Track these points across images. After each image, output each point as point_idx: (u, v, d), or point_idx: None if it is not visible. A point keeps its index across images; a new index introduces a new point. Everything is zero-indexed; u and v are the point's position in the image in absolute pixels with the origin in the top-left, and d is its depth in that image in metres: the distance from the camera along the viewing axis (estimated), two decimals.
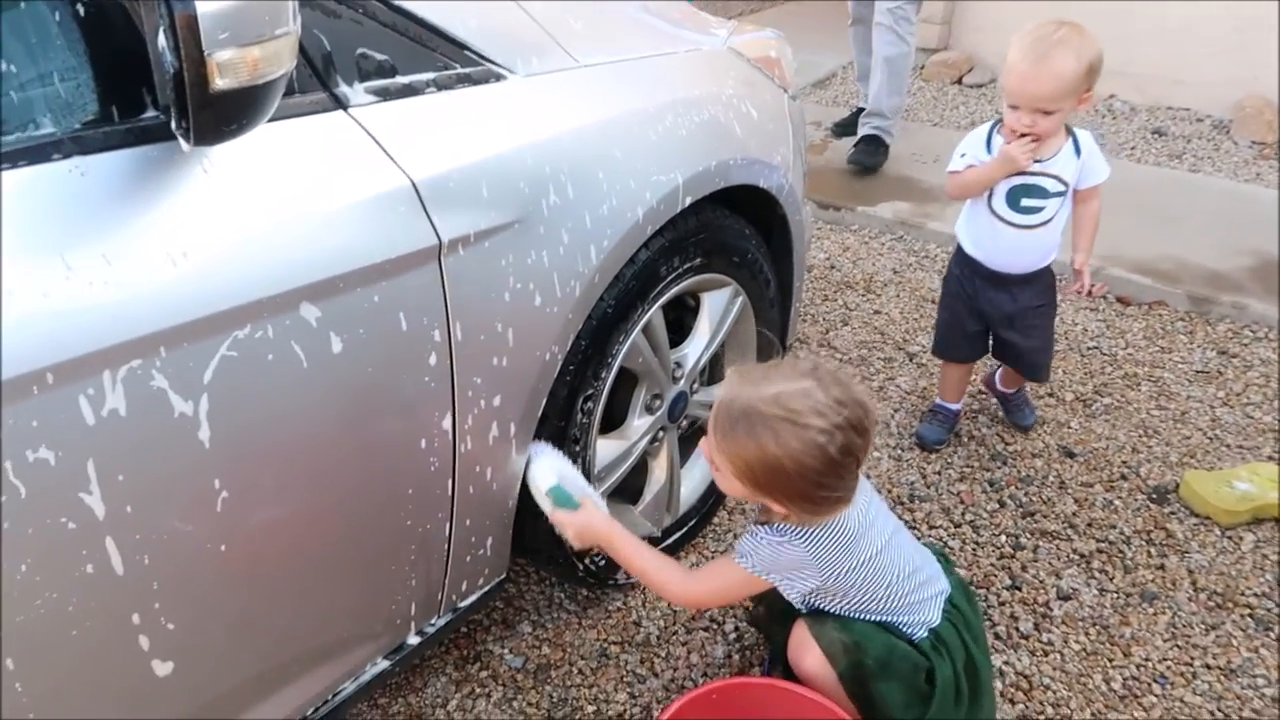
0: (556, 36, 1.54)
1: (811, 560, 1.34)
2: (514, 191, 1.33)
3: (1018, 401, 2.32)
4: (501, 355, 1.36)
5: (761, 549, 1.37)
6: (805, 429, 1.24)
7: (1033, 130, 1.85)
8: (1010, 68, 1.84)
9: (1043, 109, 1.83)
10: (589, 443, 1.61)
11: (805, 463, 1.25)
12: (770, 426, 1.25)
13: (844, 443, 1.25)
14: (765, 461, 1.27)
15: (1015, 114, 1.86)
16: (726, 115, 1.74)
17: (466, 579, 1.48)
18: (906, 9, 3.58)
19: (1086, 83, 1.81)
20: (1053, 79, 1.79)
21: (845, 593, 1.39)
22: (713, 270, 1.76)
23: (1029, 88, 1.82)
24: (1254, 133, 4.18)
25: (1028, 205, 1.96)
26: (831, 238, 3.38)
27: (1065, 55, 1.78)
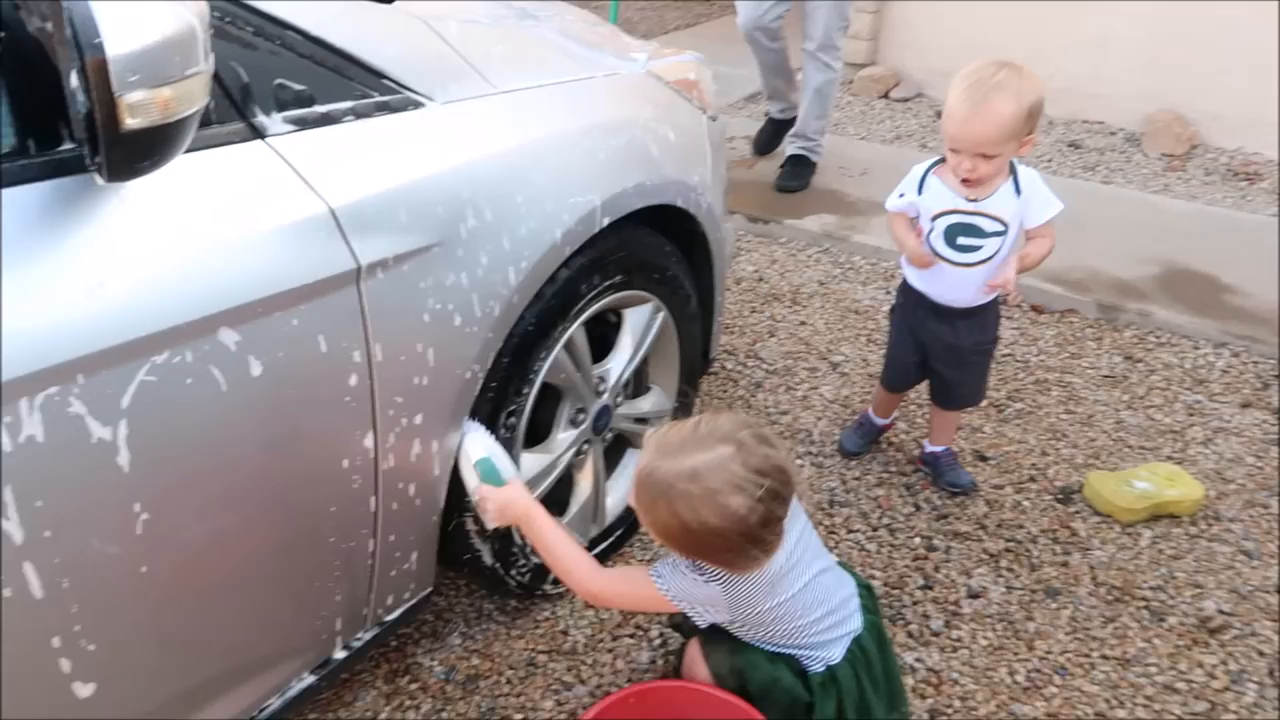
0: (474, 63, 1.58)
1: (726, 601, 1.37)
2: (432, 216, 1.37)
3: (947, 460, 2.25)
4: (422, 375, 1.40)
5: (680, 580, 1.38)
6: (724, 506, 1.24)
7: (973, 175, 1.81)
8: (949, 111, 1.79)
9: (983, 153, 1.78)
10: (513, 457, 1.66)
11: (726, 535, 1.26)
12: (689, 503, 1.25)
13: (764, 514, 1.26)
14: (685, 532, 1.28)
15: (956, 157, 1.82)
16: (644, 138, 1.80)
17: (392, 593, 1.51)
18: (834, 36, 3.64)
19: (1027, 126, 1.77)
20: (992, 123, 1.74)
21: (753, 627, 1.42)
22: (633, 287, 1.82)
23: (968, 131, 1.77)
24: (1164, 146, 4.37)
25: (964, 244, 1.93)
26: (760, 250, 3.46)
27: (1004, 99, 1.73)
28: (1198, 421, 2.51)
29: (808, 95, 3.78)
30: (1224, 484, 2.28)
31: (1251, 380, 2.70)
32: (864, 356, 2.78)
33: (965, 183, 1.85)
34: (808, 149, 3.90)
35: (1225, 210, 3.79)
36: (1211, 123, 4.44)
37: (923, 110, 4.93)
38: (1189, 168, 4.21)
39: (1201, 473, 2.31)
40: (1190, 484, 2.20)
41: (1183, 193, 3.95)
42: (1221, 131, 4.43)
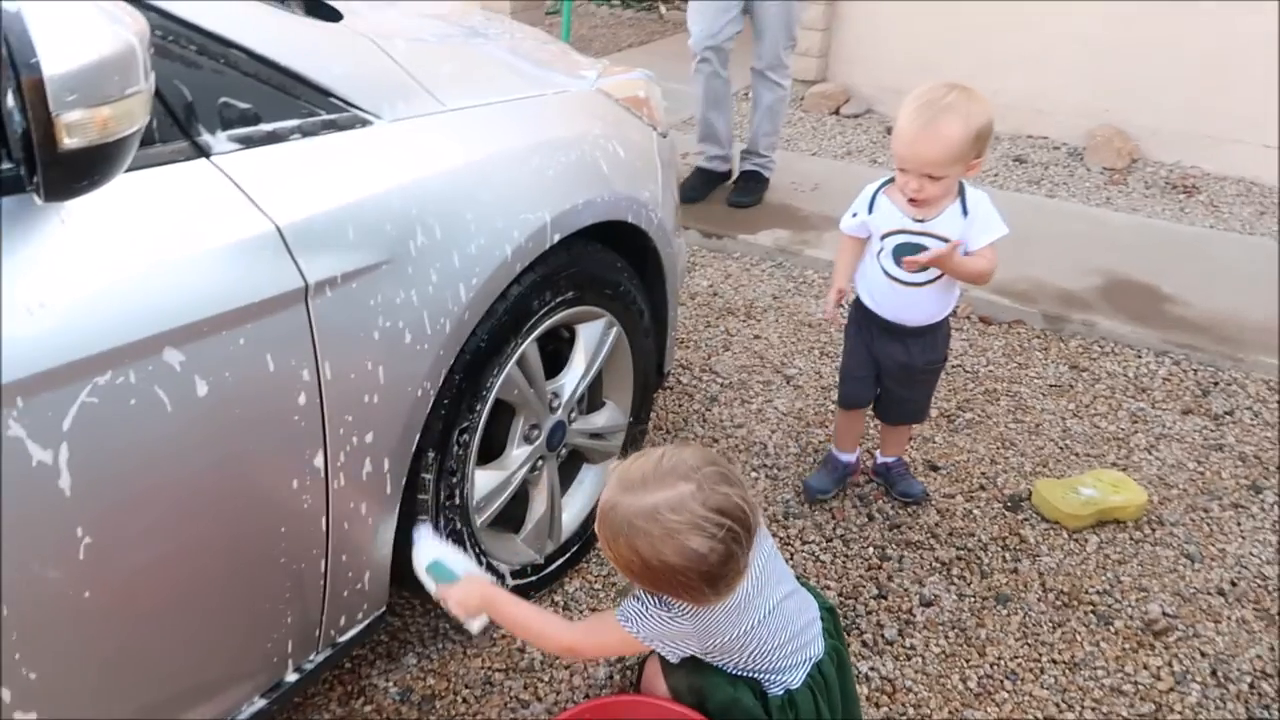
0: (423, 81, 1.59)
1: (695, 633, 1.36)
2: (381, 233, 1.37)
3: (899, 470, 2.27)
4: (373, 393, 1.39)
5: (647, 621, 1.37)
6: (684, 546, 1.24)
7: (919, 195, 1.82)
8: (898, 131, 1.80)
9: (930, 174, 1.78)
10: (466, 474, 1.66)
11: (686, 573, 1.26)
12: (649, 541, 1.25)
13: (724, 553, 1.25)
14: (647, 569, 1.28)
15: (904, 177, 1.83)
16: (594, 154, 1.81)
17: (345, 614, 1.50)
18: (783, 55, 3.69)
19: (975, 149, 1.77)
20: (940, 144, 1.74)
21: (721, 654, 1.42)
22: (585, 303, 1.83)
23: (916, 151, 1.78)
24: (1105, 159, 4.48)
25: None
26: (714, 265, 3.49)
27: (953, 121, 1.73)
28: (1141, 428, 2.57)
29: (759, 113, 3.83)
30: (1166, 489, 2.34)
31: (1191, 388, 2.77)
32: (817, 369, 2.81)
33: (912, 202, 1.85)
34: (760, 165, 3.94)
35: (1164, 222, 3.90)
36: (1151, 138, 4.56)
37: (873, 126, 5.01)
38: (1129, 181, 4.32)
39: (1145, 478, 2.36)
40: (1134, 490, 2.25)
41: (1124, 205, 4.06)
42: (1160, 146, 4.55)
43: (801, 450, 2.45)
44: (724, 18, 3.55)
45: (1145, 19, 4.41)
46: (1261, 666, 1.84)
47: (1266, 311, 3.11)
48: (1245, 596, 2.01)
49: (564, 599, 1.95)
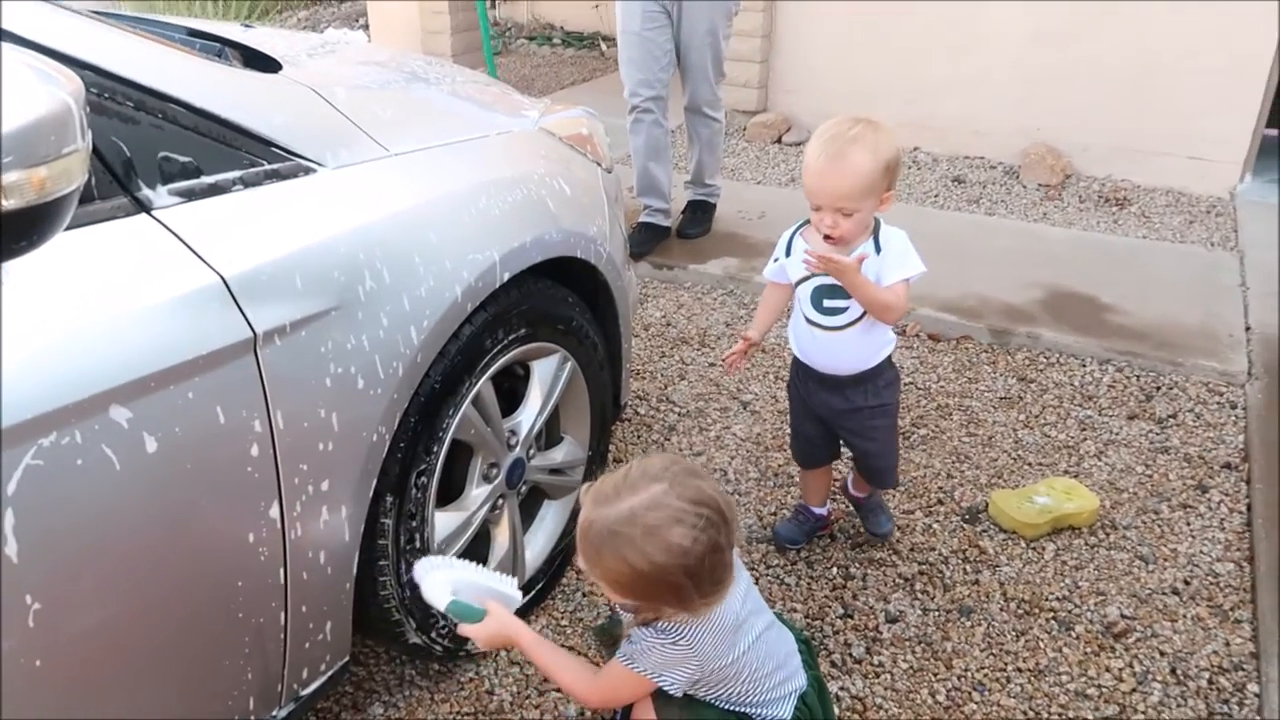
0: (365, 127, 1.59)
1: (694, 657, 1.35)
2: (329, 280, 1.37)
3: (870, 506, 2.20)
4: (327, 440, 1.38)
5: (647, 652, 1.36)
6: (667, 540, 1.25)
7: (834, 231, 1.76)
8: (807, 165, 1.77)
9: (842, 209, 1.74)
10: (426, 517, 1.64)
11: (675, 570, 1.26)
12: (633, 544, 1.25)
13: (709, 541, 1.26)
14: (637, 576, 1.27)
15: (819, 215, 1.78)
16: (540, 192, 1.83)
17: (307, 666, 1.48)
18: (715, 90, 3.70)
19: (885, 181, 1.74)
20: (849, 176, 1.70)
21: (718, 684, 1.41)
22: (538, 339, 1.84)
23: (825, 185, 1.74)
24: (1040, 177, 4.61)
25: (830, 306, 1.87)
26: (666, 296, 3.52)
27: (861, 153, 1.70)
28: (1089, 435, 2.63)
29: (698, 147, 3.86)
30: (1117, 493, 2.39)
31: (1135, 393, 2.84)
32: (773, 394, 2.84)
33: (827, 239, 1.79)
34: (706, 194, 3.99)
35: (1100, 235, 4.01)
36: (1082, 154, 4.70)
37: None
38: (1064, 196, 4.44)
39: (1096, 484, 2.41)
40: (1086, 496, 2.30)
41: (1060, 220, 4.16)
42: (1091, 161, 4.69)
43: (761, 474, 2.46)
44: (658, 65, 3.58)
45: (1072, 43, 4.56)
46: (1218, 662, 1.88)
47: (1201, 316, 3.21)
48: (1199, 594, 2.06)
49: None
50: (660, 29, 3.52)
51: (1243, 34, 4.23)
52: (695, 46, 3.56)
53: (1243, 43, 4.24)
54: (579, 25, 8.11)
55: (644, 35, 3.52)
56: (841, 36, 5.13)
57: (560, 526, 2.05)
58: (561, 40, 8.10)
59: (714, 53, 3.59)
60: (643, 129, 3.71)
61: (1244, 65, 4.28)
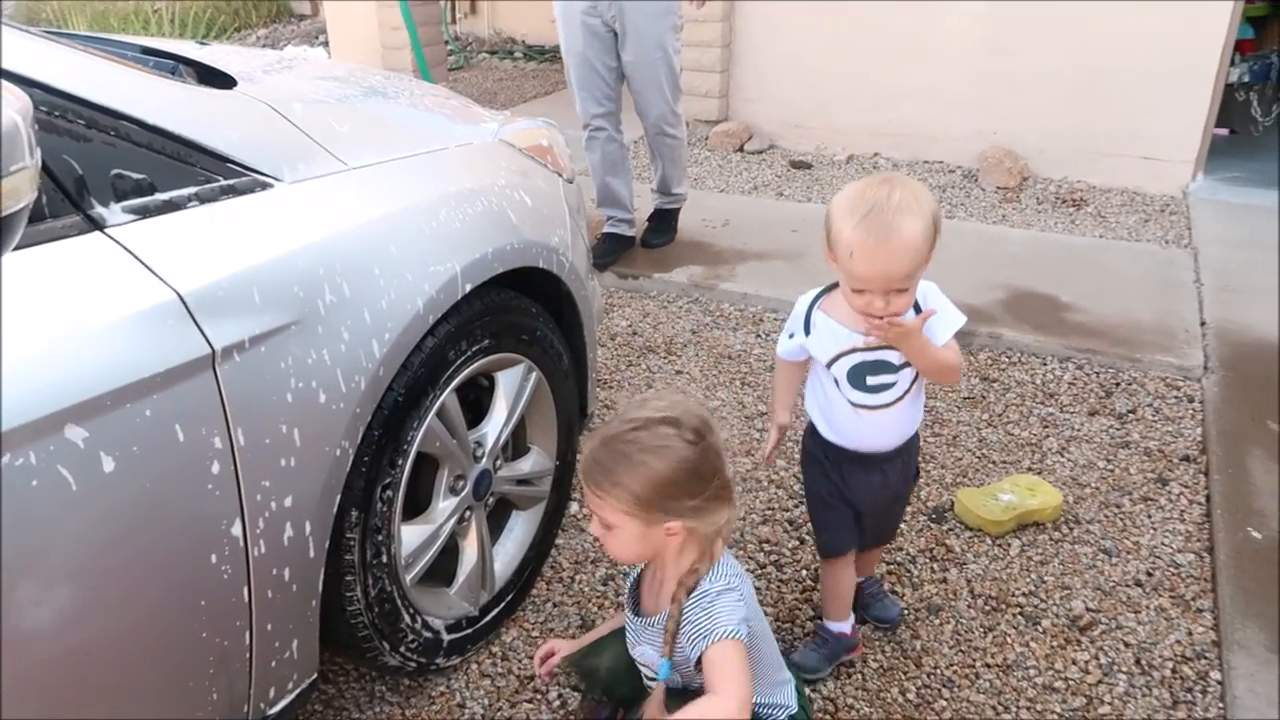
0: (322, 142, 1.59)
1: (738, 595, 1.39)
2: (288, 295, 1.36)
3: (874, 591, 2.00)
4: (289, 456, 1.37)
5: (713, 607, 1.36)
6: (665, 449, 1.33)
7: (888, 314, 1.51)
8: (850, 246, 1.48)
9: (897, 287, 1.50)
10: (392, 531, 1.64)
11: (679, 476, 1.32)
12: (631, 464, 1.33)
13: (702, 447, 1.34)
14: (650, 488, 1.32)
15: (864, 298, 1.52)
16: (500, 203, 1.83)
17: (274, 685, 1.46)
18: (673, 105, 3.68)
19: (933, 240, 1.51)
20: (905, 252, 1.46)
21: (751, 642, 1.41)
22: (502, 350, 1.84)
23: (880, 268, 1.47)
24: (998, 179, 4.68)
25: (875, 384, 1.64)
26: (632, 305, 3.53)
27: (911, 222, 1.46)
28: (1051, 432, 2.67)
29: (662, 162, 3.84)
30: (1080, 489, 2.42)
31: (1095, 390, 2.89)
32: (739, 400, 2.85)
33: (875, 321, 1.54)
34: (670, 202, 4.00)
35: (1058, 235, 4.08)
36: (1039, 156, 4.78)
37: (776, 161, 5.15)
38: (1022, 198, 4.51)
39: (1059, 480, 2.44)
40: (1049, 492, 2.33)
41: (1019, 221, 4.23)
42: (1048, 163, 4.77)
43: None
44: (605, 83, 3.58)
45: (1024, 49, 4.64)
46: (1181, 651, 1.91)
47: (1158, 313, 3.27)
48: (1161, 585, 2.09)
49: (501, 649, 1.93)
50: (604, 48, 3.52)
51: (1190, 36, 4.33)
52: (647, 64, 3.53)
53: (1190, 45, 4.34)
54: (540, 39, 8.14)
55: (587, 56, 3.52)
56: (800, 46, 5.19)
57: (529, 537, 2.05)
58: (523, 54, 8.12)
59: (667, 67, 3.56)
60: (598, 145, 3.72)
61: (1192, 67, 4.38)
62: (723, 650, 1.33)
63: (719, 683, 1.31)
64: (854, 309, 1.56)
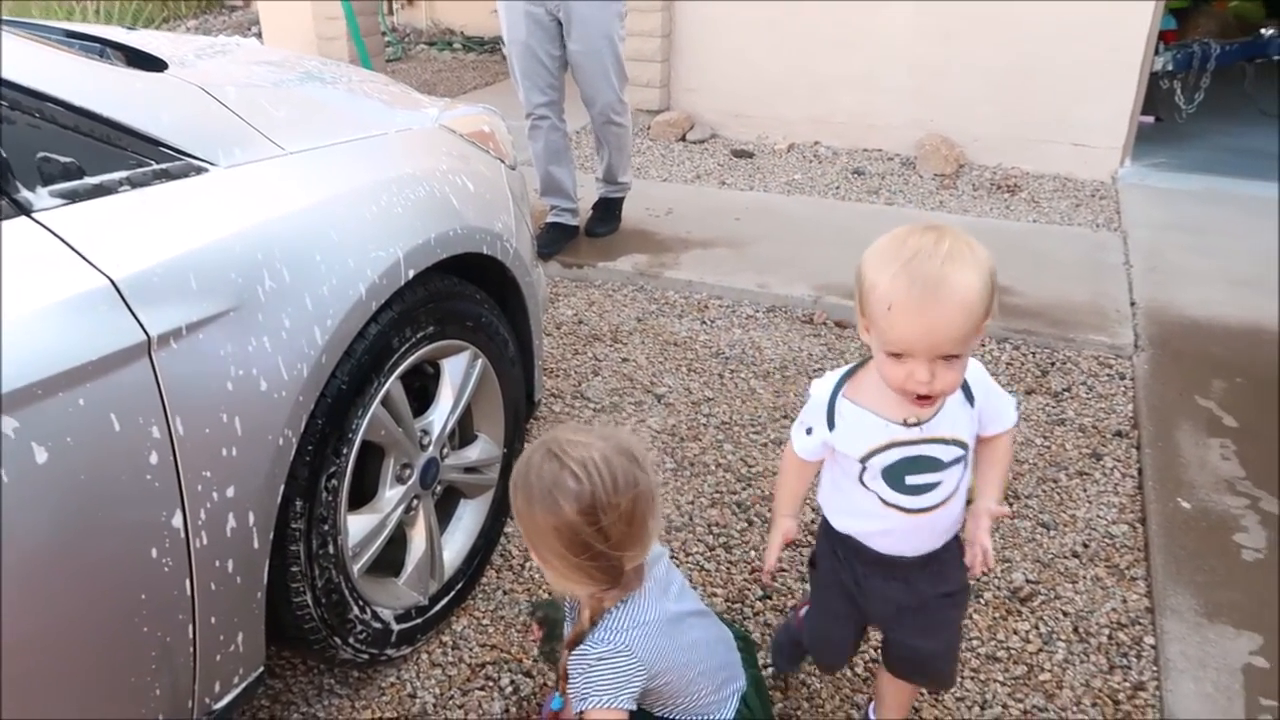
0: (259, 127, 1.56)
1: (637, 663, 1.31)
2: (225, 281, 1.34)
3: None
4: (230, 445, 1.35)
5: (595, 678, 1.31)
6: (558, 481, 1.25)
7: (933, 389, 1.21)
8: (888, 298, 1.17)
9: (947, 353, 1.19)
10: (338, 521, 1.61)
11: (562, 524, 1.24)
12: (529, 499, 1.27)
13: (591, 493, 1.24)
14: (548, 531, 1.26)
15: (904, 368, 1.20)
16: (442, 189, 1.81)
17: (219, 679, 1.43)
18: (619, 92, 3.66)
19: (991, 304, 1.20)
20: (958, 310, 1.15)
21: (666, 686, 1.38)
22: (447, 337, 1.82)
23: (927, 327, 1.16)
24: (935, 167, 4.75)
25: (916, 484, 1.34)
26: (577, 294, 3.52)
27: (965, 273, 1.16)
28: None
29: (608, 151, 3.82)
30: (1019, 465, 2.48)
31: (1032, 369, 2.96)
32: (686, 386, 2.87)
33: (922, 400, 1.25)
34: (615, 191, 3.99)
35: (993, 220, 4.16)
36: (974, 144, 4.87)
37: (718, 150, 5.17)
38: (959, 185, 4.60)
39: None
40: None
41: (956, 207, 4.31)
42: (983, 151, 4.86)
43: (678, 465, 2.48)
44: (548, 73, 3.56)
45: (956, 39, 4.73)
46: (1117, 618, 1.97)
47: (1090, 294, 3.36)
48: (1097, 556, 2.15)
49: (452, 638, 1.91)
50: (547, 37, 3.50)
51: (1116, 28, 4.45)
52: (593, 53, 3.51)
53: (1116, 36, 4.46)
54: (479, 29, 8.06)
55: (530, 45, 3.50)
56: (740, 35, 5.22)
57: (478, 525, 2.03)
58: (462, 45, 8.04)
59: (613, 55, 3.55)
60: (540, 135, 3.70)
61: (1118, 56, 4.50)
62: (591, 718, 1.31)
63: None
64: (890, 385, 1.24)
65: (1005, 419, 1.39)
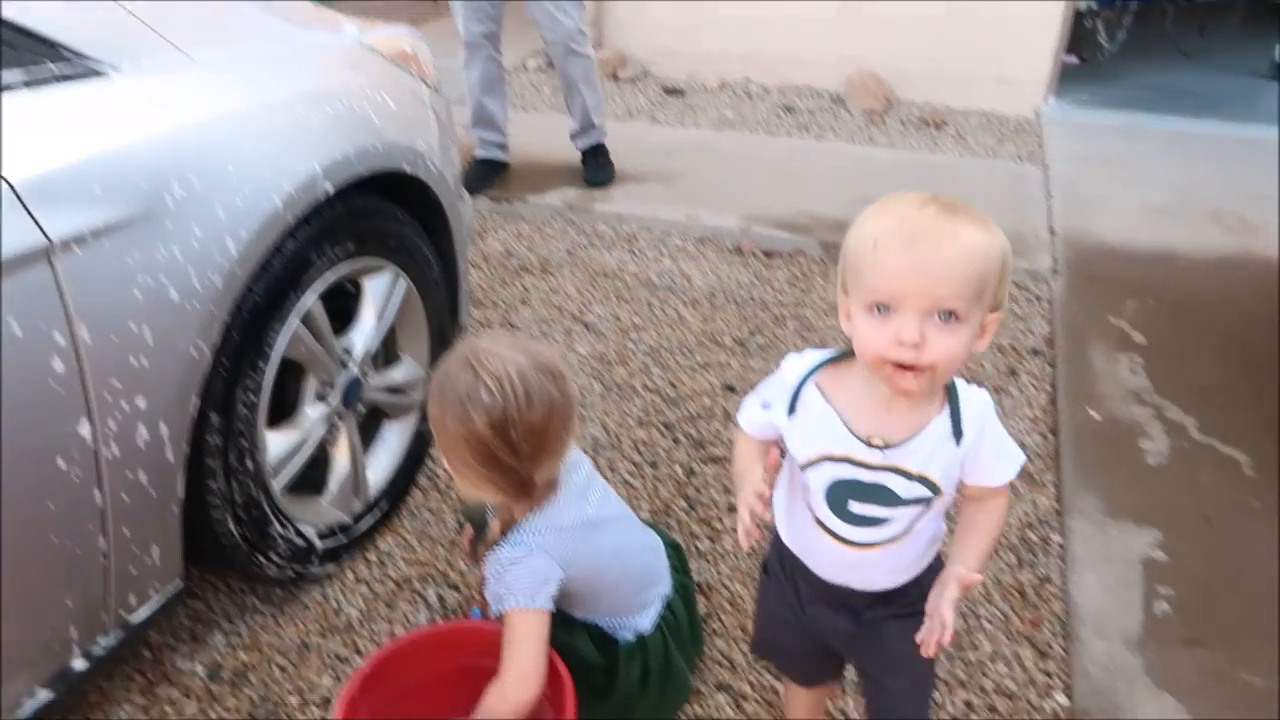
0: (166, 34, 1.52)
1: (551, 562, 1.33)
2: (132, 187, 1.30)
3: None
4: (139, 354, 1.32)
5: (511, 580, 1.31)
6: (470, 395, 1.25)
7: (920, 357, 0.95)
8: (874, 236, 0.97)
9: (944, 307, 0.95)
10: (257, 437, 1.60)
11: (470, 434, 1.25)
12: (442, 403, 1.28)
13: (503, 403, 1.24)
14: (459, 442, 1.26)
15: (890, 326, 0.96)
16: (362, 105, 1.77)
17: (134, 592, 1.42)
18: (577, 21, 3.56)
19: (999, 289, 0.99)
20: (961, 255, 0.95)
21: (585, 587, 1.40)
22: (368, 255, 1.80)
23: (923, 268, 0.94)
24: (864, 102, 4.79)
25: (862, 514, 1.10)
26: (506, 228, 3.49)
27: (972, 228, 0.96)
28: None
29: (577, 89, 3.69)
30: None
31: None
32: (615, 314, 2.88)
33: (905, 376, 0.97)
34: (599, 136, 3.83)
35: (921, 154, 4.22)
36: (902, 80, 4.91)
37: (649, 88, 5.13)
38: (887, 121, 4.64)
39: None
40: None
41: (884, 142, 4.35)
42: (911, 87, 4.91)
43: (605, 389, 2.50)
44: (489, 5, 3.47)
45: None
46: (1027, 520, 2.04)
47: (1012, 223, 3.43)
48: None
49: (378, 557, 1.92)
50: None
51: None
52: None
53: None
54: None
55: None
56: None
57: (403, 446, 2.03)
58: None
59: None
60: (477, 64, 3.61)
61: None
62: (511, 620, 1.31)
63: (504, 660, 1.31)
64: (869, 360, 1.00)
65: (998, 473, 1.08)
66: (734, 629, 1.77)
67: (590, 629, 1.47)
